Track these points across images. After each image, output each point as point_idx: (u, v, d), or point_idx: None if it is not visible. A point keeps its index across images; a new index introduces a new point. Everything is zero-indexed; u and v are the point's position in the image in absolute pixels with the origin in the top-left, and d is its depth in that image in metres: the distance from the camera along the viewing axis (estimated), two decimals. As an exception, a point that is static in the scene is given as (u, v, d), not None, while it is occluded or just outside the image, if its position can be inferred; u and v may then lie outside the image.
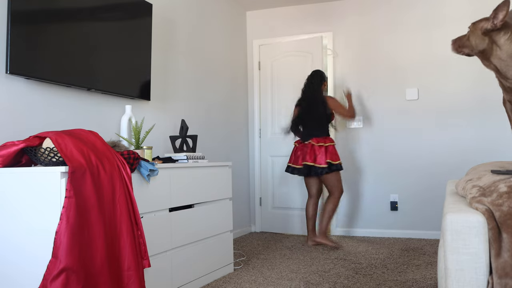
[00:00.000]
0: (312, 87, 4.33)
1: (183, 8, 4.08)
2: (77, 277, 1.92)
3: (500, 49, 1.75)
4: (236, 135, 5.00)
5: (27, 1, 2.46)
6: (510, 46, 1.73)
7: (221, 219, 3.31)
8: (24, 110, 2.55)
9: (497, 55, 1.76)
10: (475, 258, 1.46)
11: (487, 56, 1.79)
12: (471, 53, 1.85)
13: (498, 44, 1.75)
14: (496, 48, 1.76)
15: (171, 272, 2.74)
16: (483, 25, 1.79)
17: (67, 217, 1.94)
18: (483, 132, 4.45)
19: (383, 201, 4.77)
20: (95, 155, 2.14)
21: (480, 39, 1.79)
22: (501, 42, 1.74)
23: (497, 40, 1.75)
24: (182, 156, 3.14)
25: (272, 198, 5.14)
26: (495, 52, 1.76)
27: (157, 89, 3.67)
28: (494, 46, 1.77)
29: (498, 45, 1.75)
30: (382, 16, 4.82)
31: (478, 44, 1.79)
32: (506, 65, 1.75)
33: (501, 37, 1.75)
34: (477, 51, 1.81)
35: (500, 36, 1.75)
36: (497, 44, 1.75)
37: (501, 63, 1.76)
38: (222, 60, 4.76)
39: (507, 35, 1.74)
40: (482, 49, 1.79)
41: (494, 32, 1.75)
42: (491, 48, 1.77)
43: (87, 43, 2.85)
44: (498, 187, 1.55)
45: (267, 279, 3.16)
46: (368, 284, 2.99)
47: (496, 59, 1.77)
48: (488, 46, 1.78)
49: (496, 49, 1.76)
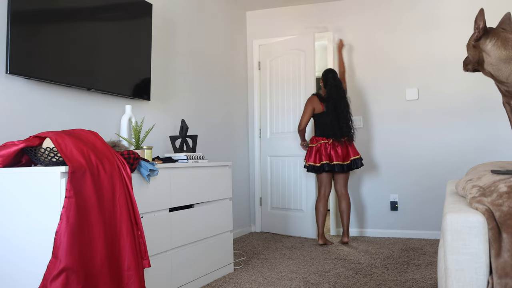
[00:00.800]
0: (339, 84, 4.38)
1: (183, 8, 4.08)
2: (77, 277, 1.92)
3: (489, 55, 1.86)
4: (236, 135, 5.00)
5: (27, 1, 2.46)
6: (497, 51, 1.84)
7: (221, 219, 3.31)
8: (24, 110, 2.55)
9: (488, 62, 1.87)
10: (475, 258, 1.46)
11: (482, 64, 1.91)
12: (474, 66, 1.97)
13: (486, 51, 1.87)
14: (486, 56, 1.87)
15: (171, 272, 2.74)
16: (472, 37, 1.92)
17: (67, 217, 1.94)
18: (483, 132, 4.45)
19: (383, 201, 4.77)
20: (95, 155, 2.13)
21: (473, 51, 1.92)
22: (488, 49, 1.85)
23: (485, 48, 1.87)
24: (182, 156, 3.14)
25: (272, 198, 5.14)
26: (486, 59, 1.87)
27: (157, 89, 3.67)
28: (484, 54, 1.88)
29: (487, 52, 1.86)
30: (382, 16, 4.82)
31: (474, 56, 1.92)
32: (497, 69, 1.85)
33: (487, 44, 1.86)
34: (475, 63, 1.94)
35: (486, 43, 1.87)
36: (486, 51, 1.87)
37: (493, 68, 1.86)
38: (222, 60, 4.76)
39: (492, 41, 1.85)
40: (477, 60, 1.91)
41: (481, 41, 1.88)
42: (482, 56, 1.88)
43: (87, 43, 2.85)
44: (498, 187, 1.55)
45: (267, 279, 3.16)
46: (368, 284, 2.99)
47: (488, 66, 1.87)
48: (480, 55, 1.89)
49: (486, 56, 1.87)
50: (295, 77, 5.01)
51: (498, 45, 1.83)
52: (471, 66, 1.97)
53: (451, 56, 4.55)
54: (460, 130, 4.53)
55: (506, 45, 1.82)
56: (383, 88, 4.79)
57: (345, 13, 4.95)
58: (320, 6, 5.05)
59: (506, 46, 1.82)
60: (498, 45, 1.83)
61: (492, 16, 4.39)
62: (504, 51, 1.82)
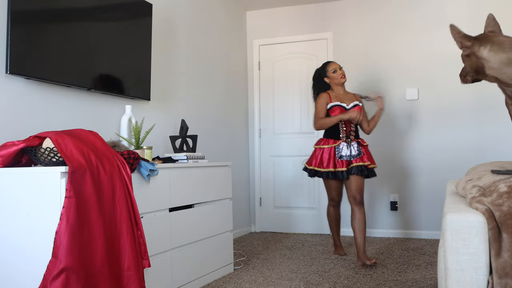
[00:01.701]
0: None
1: (183, 8, 4.08)
2: (77, 277, 1.92)
3: (488, 61, 1.84)
4: (236, 135, 5.00)
5: (27, 1, 2.46)
6: (496, 56, 1.83)
7: (221, 219, 3.31)
8: (24, 110, 2.55)
9: (489, 66, 1.85)
10: (475, 258, 1.46)
11: (482, 71, 1.89)
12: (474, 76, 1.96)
13: (483, 57, 1.86)
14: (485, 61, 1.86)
15: (171, 272, 2.74)
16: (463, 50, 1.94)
17: (67, 217, 1.94)
18: (483, 132, 4.45)
19: (383, 201, 4.77)
20: (95, 155, 2.14)
21: (469, 60, 1.91)
22: (485, 55, 1.85)
23: (480, 55, 1.86)
24: (182, 156, 3.14)
25: (273, 198, 5.14)
26: (486, 65, 1.86)
27: (157, 89, 3.67)
28: (481, 60, 1.87)
29: (484, 58, 1.85)
30: (383, 16, 4.82)
31: (471, 65, 1.91)
32: (500, 73, 1.84)
33: (483, 52, 1.85)
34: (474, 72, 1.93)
35: (481, 51, 1.86)
36: (483, 58, 1.86)
37: (496, 72, 1.85)
38: (222, 60, 4.76)
39: (487, 47, 1.84)
40: (476, 68, 1.90)
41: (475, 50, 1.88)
42: (481, 63, 1.87)
43: (87, 43, 2.85)
44: (498, 187, 1.55)
45: (267, 279, 3.16)
46: (368, 284, 2.99)
47: (490, 70, 1.86)
48: (479, 63, 1.88)
49: (484, 62, 1.86)
50: (301, 79, 5.03)
51: (495, 50, 1.83)
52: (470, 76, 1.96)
53: (451, 56, 4.55)
54: (460, 130, 4.53)
55: (503, 48, 1.81)
56: (383, 88, 4.79)
57: (345, 13, 4.95)
58: (320, 6, 5.05)
59: (504, 49, 1.81)
60: (495, 50, 1.83)
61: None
62: (504, 54, 1.80)
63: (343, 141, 3.63)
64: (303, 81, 5.08)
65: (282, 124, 5.14)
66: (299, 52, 5.10)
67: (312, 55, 5.05)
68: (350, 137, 3.66)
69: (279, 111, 5.15)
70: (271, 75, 5.21)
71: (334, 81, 3.72)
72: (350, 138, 3.65)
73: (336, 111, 3.65)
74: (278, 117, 5.16)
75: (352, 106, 3.70)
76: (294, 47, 5.12)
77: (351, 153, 3.62)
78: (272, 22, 5.24)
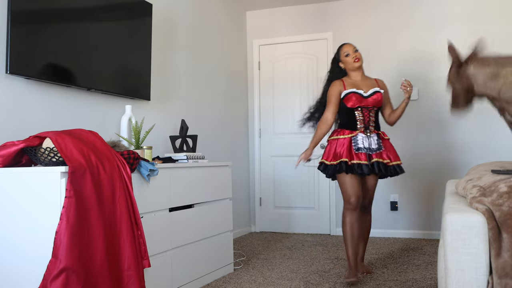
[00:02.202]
0: None
1: (183, 8, 4.08)
2: (77, 277, 1.92)
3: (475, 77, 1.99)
4: (236, 135, 5.00)
5: (27, 1, 2.45)
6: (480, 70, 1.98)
7: (221, 219, 3.31)
8: (24, 110, 2.55)
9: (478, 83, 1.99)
10: (475, 258, 1.46)
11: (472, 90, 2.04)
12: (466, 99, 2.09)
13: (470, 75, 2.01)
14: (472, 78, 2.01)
15: (171, 272, 2.74)
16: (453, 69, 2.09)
17: (67, 217, 1.94)
18: (483, 132, 4.45)
19: (383, 201, 4.77)
20: (95, 155, 2.13)
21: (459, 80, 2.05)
22: (472, 71, 2.00)
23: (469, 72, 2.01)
24: (182, 156, 3.14)
25: (273, 198, 5.14)
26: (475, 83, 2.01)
27: (157, 89, 3.67)
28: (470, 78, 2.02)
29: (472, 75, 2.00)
30: (383, 16, 4.82)
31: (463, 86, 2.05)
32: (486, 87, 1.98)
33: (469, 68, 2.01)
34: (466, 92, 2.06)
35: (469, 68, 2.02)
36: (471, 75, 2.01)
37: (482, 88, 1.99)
38: (222, 60, 4.76)
39: (473, 63, 2.01)
40: (467, 87, 2.04)
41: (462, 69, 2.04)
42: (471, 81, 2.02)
43: (87, 43, 2.85)
44: (498, 187, 1.55)
45: (267, 279, 3.16)
46: (368, 284, 2.99)
47: (478, 87, 2.00)
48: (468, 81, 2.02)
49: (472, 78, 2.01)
50: (301, 78, 5.03)
51: (478, 66, 1.98)
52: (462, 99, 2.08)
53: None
54: (460, 130, 4.52)
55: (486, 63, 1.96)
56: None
57: (345, 13, 4.95)
58: (320, 6, 5.05)
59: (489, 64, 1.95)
60: (478, 66, 1.98)
61: (492, 16, 4.41)
62: (488, 68, 1.95)
63: (361, 132, 3.08)
64: (303, 81, 5.08)
65: (282, 124, 5.14)
66: (299, 52, 5.10)
67: (312, 55, 5.05)
68: (369, 127, 3.10)
69: (279, 111, 5.15)
70: (271, 75, 5.21)
71: (348, 66, 3.21)
72: (369, 129, 3.10)
73: (352, 99, 3.09)
74: (278, 117, 5.16)
75: (371, 93, 3.12)
76: (294, 47, 5.12)
77: (371, 146, 3.06)
78: (272, 22, 5.24)
